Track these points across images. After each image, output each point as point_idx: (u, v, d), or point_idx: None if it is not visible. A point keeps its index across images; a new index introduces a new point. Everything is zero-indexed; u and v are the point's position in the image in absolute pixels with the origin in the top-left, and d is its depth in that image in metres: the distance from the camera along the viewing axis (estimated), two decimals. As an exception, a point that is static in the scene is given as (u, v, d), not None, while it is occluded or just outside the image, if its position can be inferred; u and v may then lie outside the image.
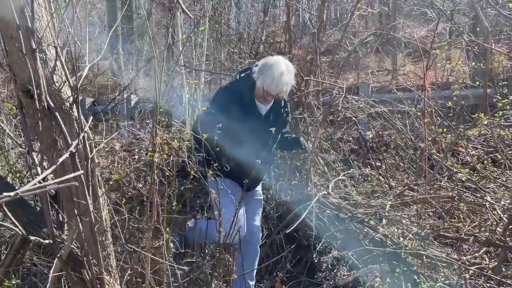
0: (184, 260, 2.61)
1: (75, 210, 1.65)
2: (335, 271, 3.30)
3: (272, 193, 3.80)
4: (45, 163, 1.79)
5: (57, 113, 1.61)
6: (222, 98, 2.75)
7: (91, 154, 1.70)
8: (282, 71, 2.66)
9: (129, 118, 6.06)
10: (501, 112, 2.32)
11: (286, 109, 2.97)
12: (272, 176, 3.73)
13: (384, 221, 2.96)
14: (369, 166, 4.11)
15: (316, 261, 3.71)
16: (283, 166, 4.16)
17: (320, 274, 3.49)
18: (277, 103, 2.85)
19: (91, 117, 1.84)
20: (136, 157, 5.11)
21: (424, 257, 2.75)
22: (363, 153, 4.74)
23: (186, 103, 5.00)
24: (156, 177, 1.91)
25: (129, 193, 4.52)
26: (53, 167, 1.41)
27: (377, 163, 4.27)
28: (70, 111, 1.70)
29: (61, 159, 1.45)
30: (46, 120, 1.63)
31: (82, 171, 1.45)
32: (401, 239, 2.70)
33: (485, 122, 2.27)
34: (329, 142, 4.38)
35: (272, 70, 2.66)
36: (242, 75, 2.84)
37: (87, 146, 1.67)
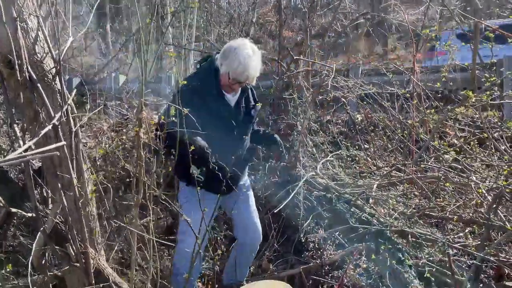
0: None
1: (59, 184, 1.62)
2: (321, 250, 3.34)
3: (261, 174, 3.81)
4: (28, 138, 1.76)
5: (39, 85, 1.57)
6: (185, 97, 2.24)
7: (75, 128, 1.67)
8: (248, 54, 2.39)
9: (117, 98, 5.97)
10: (488, 92, 2.33)
11: (254, 97, 2.72)
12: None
13: (371, 200, 2.98)
14: (357, 147, 4.13)
15: (303, 240, 3.75)
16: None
17: (307, 253, 3.52)
18: (244, 91, 2.59)
19: (75, 90, 1.80)
20: (124, 137, 5.06)
21: (409, 236, 2.79)
22: (351, 135, 4.75)
23: (175, 83, 4.95)
24: (142, 153, 1.88)
25: (117, 174, 4.49)
26: (36, 138, 1.38)
27: (365, 145, 4.28)
28: (53, 83, 1.66)
29: (43, 131, 1.42)
30: (27, 92, 1.59)
31: (64, 142, 1.42)
32: (387, 217, 2.73)
33: (473, 100, 2.27)
34: (318, 123, 4.38)
35: (237, 54, 2.38)
36: (204, 64, 2.52)
37: (71, 120, 1.64)
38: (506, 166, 2.28)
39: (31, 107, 1.65)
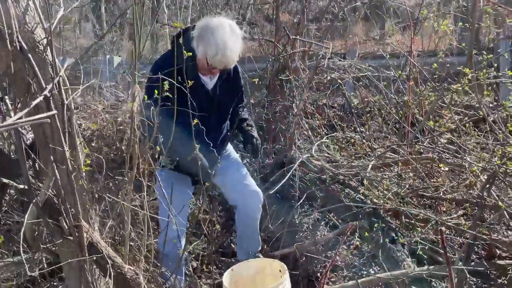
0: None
1: (51, 157, 1.61)
2: (315, 230, 3.36)
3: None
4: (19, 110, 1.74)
5: (30, 56, 1.54)
6: (156, 79, 1.95)
7: (67, 100, 1.65)
8: (226, 37, 2.14)
9: (112, 79, 5.92)
10: (485, 70, 2.32)
11: (237, 75, 2.50)
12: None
13: (365, 181, 2.99)
14: (352, 130, 4.13)
15: (297, 221, 3.77)
16: (267, 129, 4.15)
17: (301, 234, 3.55)
18: (223, 71, 2.36)
19: (67, 62, 1.77)
20: (120, 119, 5.02)
21: (402, 216, 2.81)
22: (347, 119, 4.75)
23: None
24: (136, 128, 1.87)
25: (111, 154, 4.48)
26: (27, 109, 1.36)
27: (361, 128, 4.29)
28: (44, 55, 1.63)
29: (35, 102, 1.39)
30: (18, 63, 1.57)
31: (55, 111, 1.40)
32: (381, 197, 2.74)
33: (469, 76, 2.26)
34: (314, 106, 4.37)
35: (215, 37, 2.13)
36: (179, 41, 2.16)
37: (63, 92, 1.62)
38: (500, 146, 2.28)
39: (22, 79, 1.62)
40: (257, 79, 2.85)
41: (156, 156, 2.09)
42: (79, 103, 5.23)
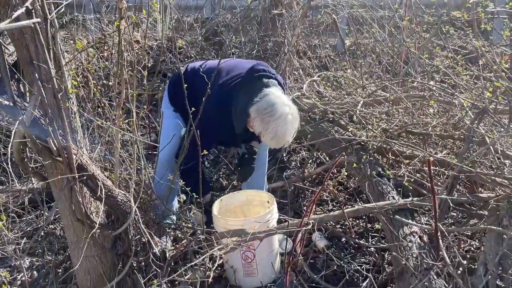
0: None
1: (36, 75, 1.55)
2: (303, 168, 3.42)
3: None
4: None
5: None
6: (210, 110, 2.20)
7: (50, 16, 1.56)
8: (286, 128, 2.18)
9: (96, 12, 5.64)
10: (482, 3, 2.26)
11: None
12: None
13: (355, 118, 2.99)
14: (345, 69, 4.08)
15: (285, 159, 3.82)
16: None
17: (289, 171, 3.61)
18: None
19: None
20: (105, 54, 4.86)
21: (389, 153, 2.85)
22: (340, 59, 4.68)
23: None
24: (123, 49, 1.80)
25: (98, 89, 4.38)
26: (8, 20, 1.28)
27: (354, 70, 4.24)
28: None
29: (16, 14, 1.32)
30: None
31: (39, 19, 1.32)
32: (370, 133, 2.76)
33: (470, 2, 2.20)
34: (306, 44, 4.28)
35: (276, 126, 2.16)
36: (241, 96, 2.27)
37: (45, 6, 1.53)
38: (490, 81, 2.28)
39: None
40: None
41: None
42: (62, 36, 5.03)
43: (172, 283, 2.32)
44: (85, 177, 1.66)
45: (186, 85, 2.11)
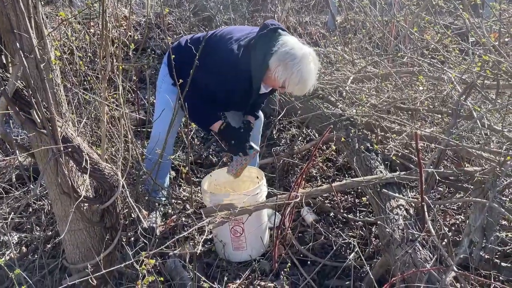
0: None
1: (17, 44, 1.51)
2: (292, 144, 3.43)
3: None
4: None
5: None
6: (227, 69, 2.27)
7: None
8: (310, 70, 2.22)
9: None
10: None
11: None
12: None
13: (344, 94, 2.98)
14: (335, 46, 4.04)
15: (275, 137, 3.83)
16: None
17: (278, 148, 3.62)
18: None
19: None
20: (92, 30, 4.76)
21: (378, 129, 2.86)
22: (330, 36, 4.64)
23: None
24: (108, 20, 1.76)
25: (84, 66, 4.31)
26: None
27: (344, 47, 4.21)
28: None
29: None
30: None
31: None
32: (359, 109, 2.75)
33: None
34: (297, 20, 4.22)
35: (300, 70, 2.19)
36: (258, 49, 2.26)
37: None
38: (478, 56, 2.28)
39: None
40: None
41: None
42: (47, 12, 4.90)
43: (162, 257, 2.34)
44: (70, 149, 1.64)
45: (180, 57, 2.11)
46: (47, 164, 1.69)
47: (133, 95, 3.72)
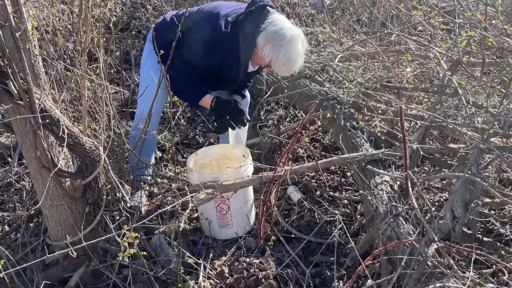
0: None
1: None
2: (279, 124, 3.42)
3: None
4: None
5: None
6: (210, 46, 2.23)
7: None
8: (298, 52, 2.20)
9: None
10: None
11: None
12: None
13: (331, 73, 2.96)
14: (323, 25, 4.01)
15: (263, 118, 3.80)
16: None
17: (266, 129, 3.60)
18: None
19: None
20: (77, 10, 4.65)
21: (365, 109, 2.85)
22: (318, 16, 4.60)
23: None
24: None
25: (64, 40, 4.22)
26: None
27: (332, 27, 4.17)
28: None
29: None
30: None
31: None
32: (345, 87, 2.74)
33: None
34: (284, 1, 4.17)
35: (288, 51, 2.16)
36: (249, 22, 2.22)
37: None
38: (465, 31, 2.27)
39: None
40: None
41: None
42: (30, -9, 4.77)
43: (147, 234, 2.32)
44: (49, 122, 1.60)
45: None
46: (25, 136, 1.65)
47: (119, 75, 3.66)
